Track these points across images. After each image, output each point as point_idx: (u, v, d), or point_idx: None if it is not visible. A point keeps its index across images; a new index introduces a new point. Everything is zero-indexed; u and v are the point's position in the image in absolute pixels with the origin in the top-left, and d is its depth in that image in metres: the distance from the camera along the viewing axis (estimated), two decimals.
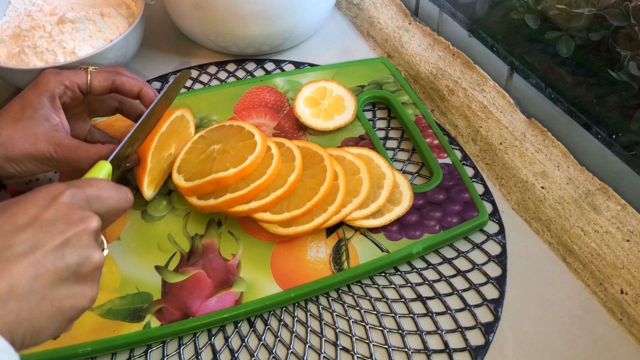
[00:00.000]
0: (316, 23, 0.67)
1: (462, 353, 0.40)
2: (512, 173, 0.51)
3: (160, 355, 0.41)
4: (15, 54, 0.56)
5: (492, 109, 0.55)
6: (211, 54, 0.68)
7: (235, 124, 0.50)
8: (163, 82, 0.63)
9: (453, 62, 0.61)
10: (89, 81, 0.45)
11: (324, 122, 0.55)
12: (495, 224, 0.49)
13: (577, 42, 0.51)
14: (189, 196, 0.47)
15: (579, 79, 0.51)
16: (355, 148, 0.51)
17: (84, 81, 0.45)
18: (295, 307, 0.43)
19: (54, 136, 0.42)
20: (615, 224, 0.45)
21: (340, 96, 0.57)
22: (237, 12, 0.60)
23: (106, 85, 0.45)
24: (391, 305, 0.43)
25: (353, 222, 0.46)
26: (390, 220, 0.46)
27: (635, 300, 0.41)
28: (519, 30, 0.56)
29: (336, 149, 0.51)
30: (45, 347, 0.39)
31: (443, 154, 0.53)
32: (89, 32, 0.58)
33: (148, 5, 0.63)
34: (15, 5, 0.63)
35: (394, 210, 0.47)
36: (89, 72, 0.45)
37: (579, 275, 0.45)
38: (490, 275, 0.45)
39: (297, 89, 0.58)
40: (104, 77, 0.45)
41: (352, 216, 0.46)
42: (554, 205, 0.48)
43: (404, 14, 0.69)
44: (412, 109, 0.57)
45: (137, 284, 0.43)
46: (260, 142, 0.47)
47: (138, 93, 0.46)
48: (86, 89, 0.45)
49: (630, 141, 0.47)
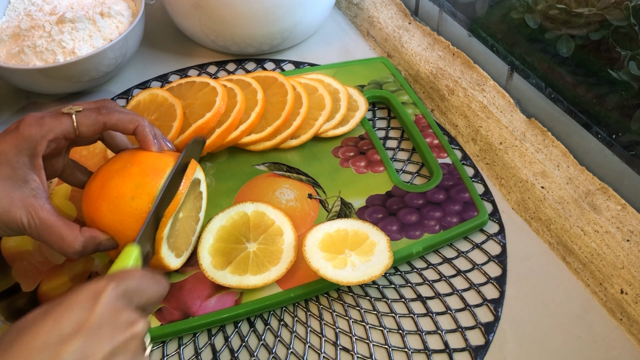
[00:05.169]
0: (316, 23, 0.67)
1: (462, 353, 0.40)
2: (512, 173, 0.51)
3: (160, 355, 0.41)
4: (14, 54, 0.56)
5: (492, 109, 0.55)
6: (211, 54, 0.68)
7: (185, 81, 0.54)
8: (163, 82, 0.63)
9: (453, 61, 0.61)
10: (77, 128, 0.39)
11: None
12: (495, 223, 0.49)
13: (577, 42, 0.51)
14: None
15: (579, 78, 0.51)
16: (307, 74, 0.59)
17: (71, 130, 0.38)
18: (295, 307, 0.43)
19: (31, 204, 0.36)
20: (615, 223, 0.45)
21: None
22: (236, 11, 0.60)
23: (96, 129, 0.39)
24: (391, 305, 0.43)
25: (326, 133, 0.54)
26: (355, 124, 0.55)
27: (635, 300, 0.41)
28: (519, 30, 0.56)
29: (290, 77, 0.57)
30: None
31: (443, 154, 0.53)
32: (88, 32, 0.58)
33: (148, 5, 0.63)
34: (14, 5, 0.63)
35: (355, 116, 0.55)
36: (74, 117, 0.39)
37: (579, 275, 0.45)
38: (490, 275, 0.45)
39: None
40: (93, 121, 0.39)
41: (323, 128, 0.54)
42: (553, 205, 0.48)
43: (404, 13, 0.69)
44: (412, 109, 0.57)
45: None
46: (216, 84, 0.52)
47: (133, 131, 0.41)
48: (74, 137, 0.39)
49: (630, 141, 0.47)
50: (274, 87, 0.55)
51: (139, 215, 0.38)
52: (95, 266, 0.44)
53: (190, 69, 0.65)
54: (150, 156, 0.41)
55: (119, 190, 0.38)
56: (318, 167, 0.52)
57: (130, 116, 0.41)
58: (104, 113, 0.39)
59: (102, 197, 0.39)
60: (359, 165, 0.52)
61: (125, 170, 0.39)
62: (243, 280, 0.42)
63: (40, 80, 0.56)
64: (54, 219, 0.37)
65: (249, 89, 0.54)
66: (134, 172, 0.39)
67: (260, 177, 0.51)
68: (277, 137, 0.53)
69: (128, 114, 0.41)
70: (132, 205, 0.38)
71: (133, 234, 0.38)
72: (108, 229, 0.38)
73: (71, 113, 0.39)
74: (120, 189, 0.38)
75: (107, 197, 0.38)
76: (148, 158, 0.41)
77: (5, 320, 0.41)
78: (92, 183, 0.40)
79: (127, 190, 0.38)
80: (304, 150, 0.54)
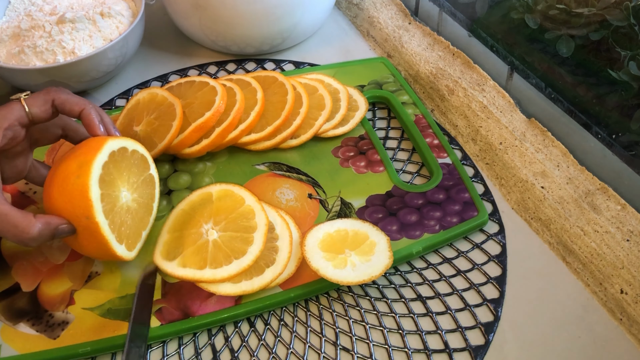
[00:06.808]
0: (316, 23, 0.67)
1: (462, 353, 0.40)
2: (512, 173, 0.51)
3: (160, 355, 0.41)
4: (15, 54, 0.56)
5: (492, 109, 0.55)
6: (211, 54, 0.68)
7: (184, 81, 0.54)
8: (163, 82, 0.63)
9: (453, 61, 0.61)
10: (29, 111, 0.39)
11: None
12: (495, 223, 0.49)
13: (577, 42, 0.51)
14: (180, 150, 0.50)
15: (579, 78, 0.51)
16: (308, 74, 0.59)
17: (23, 114, 0.39)
18: (296, 307, 0.43)
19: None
20: (615, 223, 0.45)
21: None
22: (236, 11, 0.60)
23: (47, 108, 0.40)
24: (391, 305, 0.43)
25: (326, 133, 0.54)
26: (355, 124, 0.55)
27: (635, 300, 0.41)
28: (519, 30, 0.56)
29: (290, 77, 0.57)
30: (45, 346, 0.39)
31: (443, 154, 0.53)
32: (88, 32, 0.58)
33: (148, 5, 0.63)
34: (15, 5, 0.63)
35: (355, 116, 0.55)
36: (23, 100, 0.39)
37: (579, 275, 0.45)
38: (490, 275, 0.45)
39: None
40: (42, 100, 0.40)
41: (323, 128, 0.54)
42: (553, 205, 0.48)
43: (403, 13, 0.69)
44: (412, 109, 0.57)
45: (137, 284, 0.43)
46: (215, 83, 0.52)
47: (79, 113, 0.41)
48: (28, 121, 0.40)
49: (630, 141, 0.47)
50: (274, 87, 0.55)
51: (84, 190, 0.38)
52: (95, 266, 0.44)
53: (190, 69, 0.65)
54: (96, 138, 0.41)
55: (65, 172, 0.39)
56: (318, 167, 0.52)
57: (77, 99, 0.41)
58: (52, 92, 0.40)
59: (52, 183, 0.39)
60: (359, 165, 0.52)
61: (71, 154, 0.40)
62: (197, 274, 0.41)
63: (40, 80, 0.56)
64: (6, 207, 0.37)
65: (248, 89, 0.54)
66: (79, 153, 0.40)
67: (260, 177, 0.51)
68: (277, 136, 0.53)
69: (76, 97, 0.41)
70: (77, 183, 0.38)
71: (83, 212, 0.38)
72: (61, 213, 0.39)
73: (20, 97, 0.39)
74: (66, 171, 0.39)
75: (56, 181, 0.39)
76: (93, 140, 0.41)
77: (5, 320, 0.41)
78: (48, 173, 0.41)
79: (72, 170, 0.39)
80: (304, 150, 0.54)
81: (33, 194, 0.50)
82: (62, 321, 0.41)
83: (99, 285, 0.43)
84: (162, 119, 0.50)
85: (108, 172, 0.40)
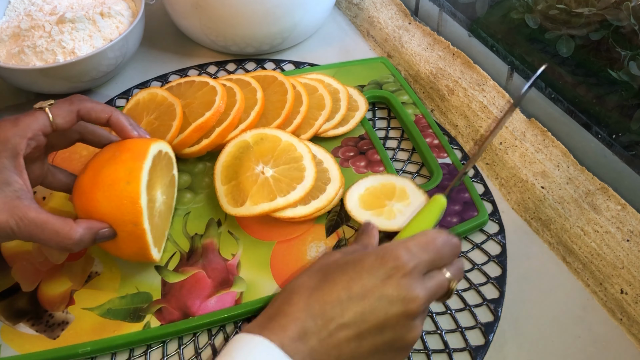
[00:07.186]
0: (316, 23, 0.67)
1: (462, 353, 0.40)
2: (512, 173, 0.51)
3: (160, 355, 0.41)
4: (14, 54, 0.56)
5: (492, 109, 0.55)
6: (211, 54, 0.68)
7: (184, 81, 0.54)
8: (163, 82, 0.63)
9: (453, 61, 0.61)
10: (53, 121, 0.39)
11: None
12: (495, 223, 0.49)
13: (577, 42, 0.51)
14: (180, 150, 0.50)
15: (579, 78, 0.51)
16: (307, 74, 0.59)
17: (47, 124, 0.39)
18: None
19: (16, 206, 0.35)
20: (615, 223, 0.45)
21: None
22: (236, 11, 0.60)
23: (71, 119, 0.40)
24: None
25: (326, 133, 0.54)
26: (355, 124, 0.55)
27: (635, 300, 0.41)
28: (519, 30, 0.56)
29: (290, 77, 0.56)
30: (45, 347, 0.39)
31: (443, 154, 0.53)
32: (88, 32, 0.58)
33: (148, 5, 0.63)
34: (14, 5, 0.63)
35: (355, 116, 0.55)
36: (47, 110, 0.39)
37: (579, 275, 0.45)
38: (490, 275, 0.45)
39: None
40: (67, 110, 0.39)
41: (323, 128, 0.54)
42: (553, 205, 0.48)
43: (404, 13, 0.69)
44: (412, 109, 0.57)
45: (136, 284, 0.43)
46: (215, 83, 0.52)
47: (107, 120, 0.41)
48: (51, 130, 0.39)
49: (630, 141, 0.47)
50: (274, 86, 0.55)
51: (135, 197, 0.38)
52: (95, 266, 0.44)
53: (190, 69, 0.65)
54: (135, 142, 0.41)
55: (113, 177, 0.39)
56: None
57: (102, 106, 0.41)
58: (76, 102, 0.40)
59: (96, 186, 0.39)
60: (359, 165, 0.52)
61: (116, 158, 0.40)
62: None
63: (40, 80, 0.56)
64: (44, 216, 0.36)
65: (248, 88, 0.54)
66: (125, 158, 0.40)
67: None
68: None
69: (100, 104, 0.41)
70: (127, 189, 0.38)
71: (131, 218, 0.38)
72: (105, 218, 0.38)
73: (44, 107, 0.39)
74: (114, 176, 0.39)
75: (102, 185, 0.38)
76: (134, 144, 0.41)
77: (5, 320, 0.41)
78: (84, 176, 0.40)
79: (121, 176, 0.38)
80: None
81: (42, 200, 0.49)
82: (62, 321, 0.41)
83: (99, 285, 0.43)
84: (162, 119, 0.50)
85: (150, 177, 0.40)
